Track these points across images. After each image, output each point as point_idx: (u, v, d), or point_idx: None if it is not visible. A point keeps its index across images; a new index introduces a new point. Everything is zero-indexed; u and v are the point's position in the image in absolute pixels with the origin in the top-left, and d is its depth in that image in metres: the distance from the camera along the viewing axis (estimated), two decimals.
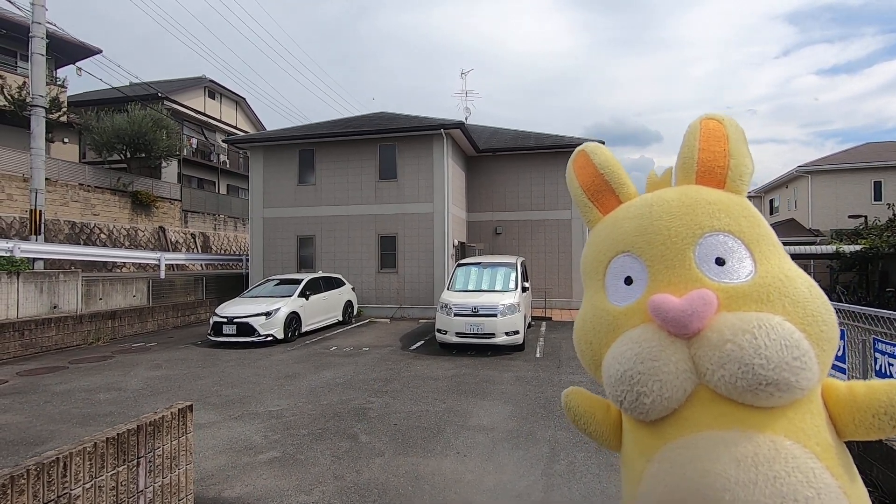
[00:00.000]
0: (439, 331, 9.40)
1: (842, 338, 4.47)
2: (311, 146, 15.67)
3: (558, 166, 17.05)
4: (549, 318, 13.98)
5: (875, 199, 20.58)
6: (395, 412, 5.81)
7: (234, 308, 10.71)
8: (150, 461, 2.98)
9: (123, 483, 2.79)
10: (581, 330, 1.50)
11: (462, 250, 16.64)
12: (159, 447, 3.06)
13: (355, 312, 13.96)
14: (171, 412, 3.19)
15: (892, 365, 3.70)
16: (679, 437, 1.20)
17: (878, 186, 20.73)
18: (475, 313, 9.07)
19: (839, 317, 4.39)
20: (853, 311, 4.56)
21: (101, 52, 20.22)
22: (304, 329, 11.33)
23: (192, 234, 22.98)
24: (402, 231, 14.95)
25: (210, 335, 10.50)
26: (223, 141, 19.88)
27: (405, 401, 6.27)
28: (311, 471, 4.22)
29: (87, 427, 5.35)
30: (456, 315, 9.17)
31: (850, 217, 19.27)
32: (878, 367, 3.91)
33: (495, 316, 8.97)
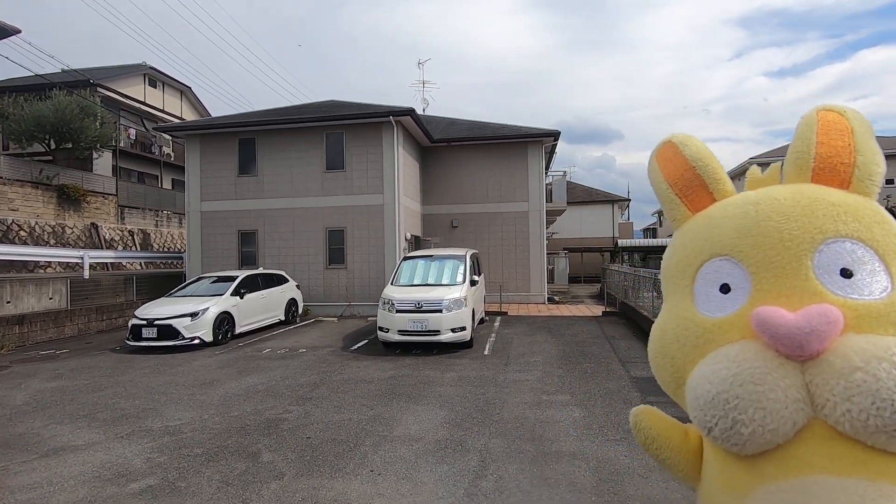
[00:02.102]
0: (381, 329, 8.71)
1: None
2: (252, 134, 14.64)
3: (515, 157, 16.62)
4: (505, 313, 13.50)
5: None
6: (313, 423, 5.10)
7: (156, 309, 9.70)
8: None
9: None
10: (660, 341, 1.31)
11: (416, 244, 15.98)
12: None
13: (300, 311, 13.09)
14: None
15: None
16: (782, 479, 1.03)
17: None
18: (418, 309, 8.43)
19: None
20: None
21: (19, 31, 18.40)
22: (238, 330, 10.42)
23: (129, 231, 21.39)
24: (350, 224, 14.15)
25: (128, 340, 9.47)
26: (154, 129, 18.46)
27: (328, 409, 5.56)
28: (187, 503, 3.48)
29: None
30: (398, 311, 8.50)
31: None
32: None
33: (440, 311, 8.35)
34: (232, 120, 15.18)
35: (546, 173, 19.04)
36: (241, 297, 10.61)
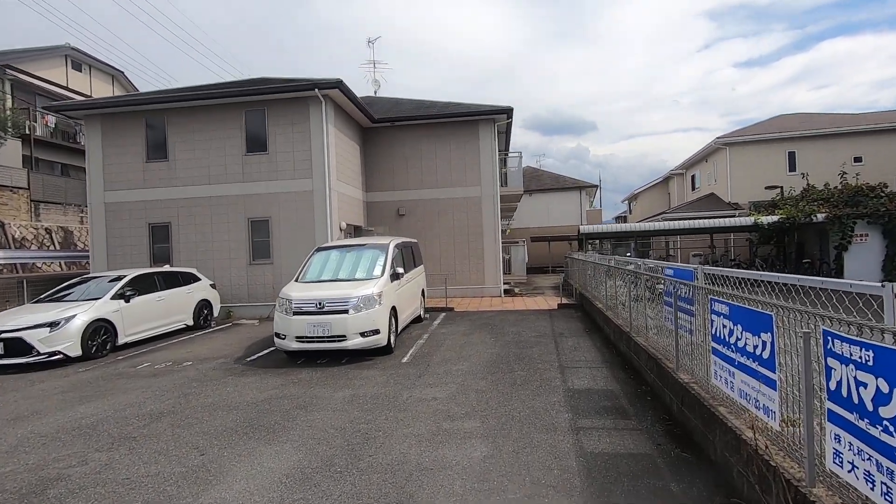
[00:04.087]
0: (277, 335, 7.17)
1: (768, 329, 2.71)
2: (160, 114, 12.81)
3: (466, 138, 15.20)
4: (451, 309, 12.09)
5: (790, 170, 20.30)
6: (100, 483, 3.57)
7: (10, 319, 7.97)
8: None
9: None
10: None
11: (357, 235, 14.44)
12: None
13: (216, 314, 11.42)
14: None
15: (865, 385, 1.91)
16: None
17: (792, 157, 20.45)
18: (320, 310, 6.92)
19: (759, 291, 2.50)
20: (785, 284, 2.81)
21: None
22: (123, 340, 8.75)
23: (46, 228, 19.25)
24: (276, 214, 12.51)
25: None
26: (42, 108, 16.25)
27: (142, 456, 4.03)
28: None
29: None
30: (296, 314, 6.97)
31: (766, 188, 18.79)
32: (833, 387, 2.13)
33: (346, 312, 6.86)
34: (137, 98, 13.32)
35: (505, 156, 17.67)
36: (128, 301, 8.91)
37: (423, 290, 10.77)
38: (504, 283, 16.36)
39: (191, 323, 10.57)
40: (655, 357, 5.01)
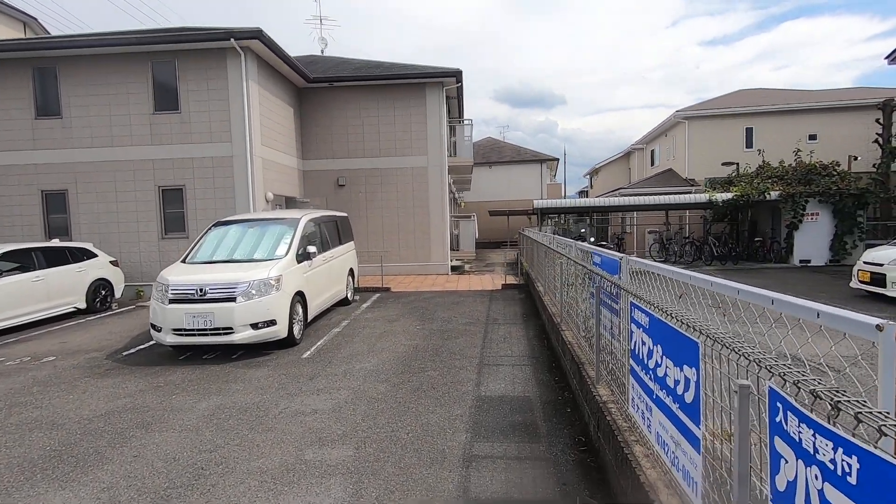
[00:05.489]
0: (153, 327, 6.05)
1: (693, 362, 1.85)
2: (52, 62, 11.03)
3: (412, 102, 13.96)
4: (388, 289, 11.13)
5: (747, 147, 19.99)
6: None
7: None
8: None
9: None
10: None
11: (290, 206, 13.19)
12: None
13: (118, 295, 10.08)
14: None
15: (823, 494, 1.04)
16: None
17: (749, 133, 20.12)
18: (201, 297, 5.82)
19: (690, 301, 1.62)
20: (714, 292, 1.95)
21: None
22: None
23: None
24: (191, 182, 11.10)
25: None
26: None
27: None
28: None
29: None
30: (172, 301, 5.85)
31: (723, 164, 18.41)
32: (781, 487, 1.27)
33: (233, 300, 5.78)
34: (22, 43, 11.45)
35: (456, 124, 16.54)
36: None
37: (351, 270, 9.75)
38: (455, 260, 15.54)
39: (83, 306, 9.24)
40: (578, 360, 4.21)
